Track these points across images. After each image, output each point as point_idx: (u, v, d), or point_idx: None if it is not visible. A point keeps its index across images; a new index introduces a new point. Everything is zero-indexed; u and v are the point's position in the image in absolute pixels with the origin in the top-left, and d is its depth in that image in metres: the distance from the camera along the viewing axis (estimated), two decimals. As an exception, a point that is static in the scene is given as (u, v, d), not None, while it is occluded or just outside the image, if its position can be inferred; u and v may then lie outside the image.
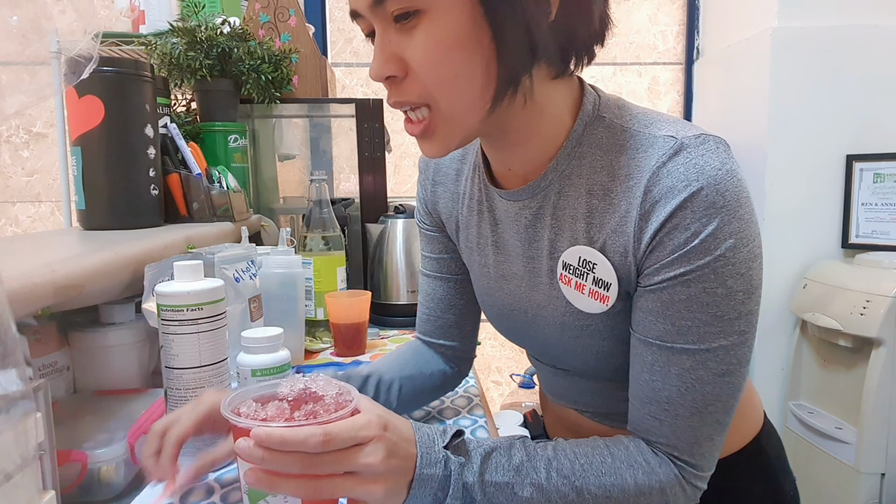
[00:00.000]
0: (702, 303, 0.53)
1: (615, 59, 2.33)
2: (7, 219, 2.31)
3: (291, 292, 1.03)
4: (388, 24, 0.53)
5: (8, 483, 0.41)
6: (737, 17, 2.05)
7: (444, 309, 0.82)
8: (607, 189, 0.56)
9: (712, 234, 0.51)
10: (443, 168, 0.76)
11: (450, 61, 0.52)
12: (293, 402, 0.53)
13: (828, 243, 1.87)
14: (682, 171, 0.52)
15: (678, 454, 0.57)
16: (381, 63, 0.53)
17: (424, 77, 0.53)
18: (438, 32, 0.51)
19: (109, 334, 0.82)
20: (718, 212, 0.51)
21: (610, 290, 0.57)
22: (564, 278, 0.61)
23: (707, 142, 0.53)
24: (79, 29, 0.66)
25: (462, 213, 0.74)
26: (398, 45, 0.53)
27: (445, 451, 0.54)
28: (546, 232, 0.62)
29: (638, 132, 0.56)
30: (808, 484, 1.81)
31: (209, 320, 0.66)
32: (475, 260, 0.73)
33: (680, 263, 0.52)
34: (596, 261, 0.57)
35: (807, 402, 1.84)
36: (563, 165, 0.59)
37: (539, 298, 0.65)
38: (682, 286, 0.53)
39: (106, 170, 1.05)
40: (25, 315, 0.66)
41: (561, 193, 0.60)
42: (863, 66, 1.80)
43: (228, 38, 1.42)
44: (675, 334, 0.54)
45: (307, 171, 2.00)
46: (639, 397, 0.58)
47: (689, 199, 0.51)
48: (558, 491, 0.54)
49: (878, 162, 1.78)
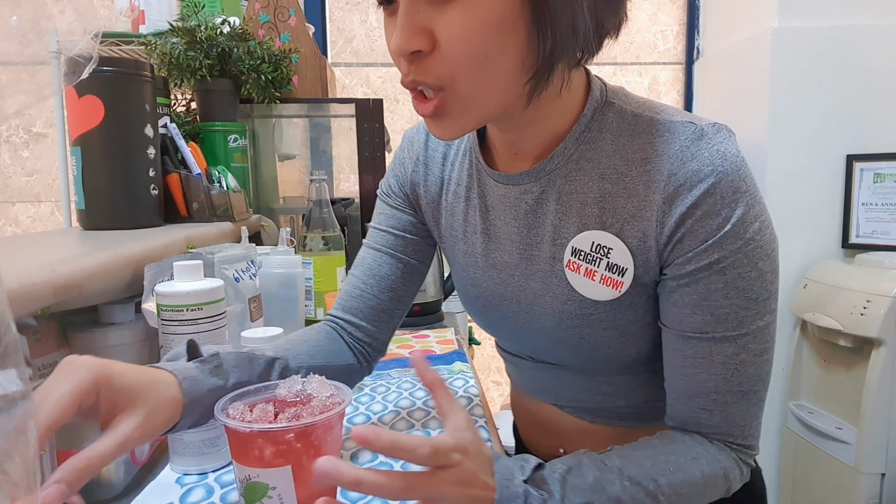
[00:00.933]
0: (738, 288, 0.53)
1: (615, 59, 2.33)
2: (7, 219, 2.31)
3: (291, 292, 1.03)
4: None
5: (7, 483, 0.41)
6: (737, 17, 2.05)
7: (383, 289, 0.74)
8: (621, 173, 0.56)
9: (741, 219, 0.51)
10: (430, 150, 0.72)
11: (484, 40, 0.48)
12: (278, 405, 0.53)
13: (828, 243, 1.87)
14: (707, 156, 0.52)
15: (732, 440, 0.57)
16: (408, 35, 0.49)
17: (453, 54, 0.49)
18: (476, 8, 0.47)
19: (109, 334, 0.82)
20: (743, 196, 0.51)
21: (625, 276, 0.56)
22: (573, 265, 0.59)
23: (722, 130, 0.54)
24: (78, 29, 0.66)
25: (446, 199, 0.71)
26: (428, 17, 0.49)
27: (525, 485, 0.50)
28: (549, 217, 0.60)
29: (651, 118, 0.56)
30: (809, 484, 1.81)
31: (209, 320, 0.66)
32: (459, 248, 0.70)
33: (714, 250, 0.52)
34: (612, 245, 0.56)
35: (807, 403, 1.84)
36: (572, 149, 0.58)
37: (535, 287, 0.63)
38: (717, 274, 0.53)
39: (106, 170, 1.05)
40: (25, 315, 0.66)
41: (568, 178, 0.58)
42: (863, 66, 1.80)
43: (228, 37, 1.42)
44: (714, 324, 0.54)
45: (307, 171, 2.00)
46: (683, 392, 0.58)
47: (716, 184, 0.51)
48: (634, 499, 0.53)
49: (879, 162, 1.78)
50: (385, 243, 0.76)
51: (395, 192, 0.76)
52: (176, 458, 0.66)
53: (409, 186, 0.75)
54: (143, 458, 0.68)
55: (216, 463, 0.67)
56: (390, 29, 0.52)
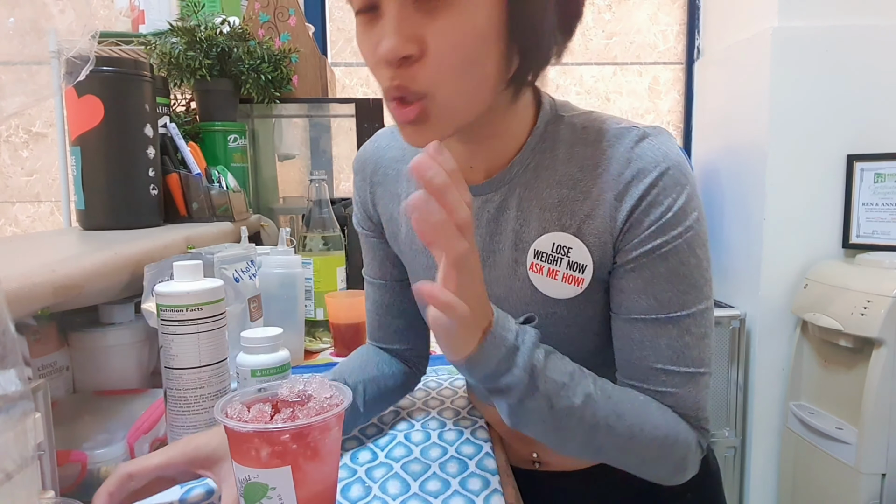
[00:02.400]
0: (679, 273, 0.57)
1: (615, 59, 2.33)
2: (6, 219, 2.31)
3: (291, 292, 1.03)
4: (406, 3, 0.50)
5: (8, 483, 0.41)
6: (737, 16, 2.05)
7: (394, 315, 0.80)
8: (576, 179, 0.60)
9: (682, 208, 0.56)
10: (381, 169, 0.74)
11: (471, 49, 0.51)
12: (277, 405, 0.53)
13: (828, 243, 1.86)
14: (650, 154, 0.57)
15: (687, 419, 0.60)
16: (401, 40, 0.49)
17: (440, 62, 0.51)
18: (465, 18, 0.50)
19: (109, 334, 0.82)
20: (684, 188, 0.56)
21: (585, 272, 0.60)
22: (535, 266, 0.62)
23: (662, 132, 0.59)
24: (78, 29, 0.66)
25: (403, 214, 0.72)
26: (418, 25, 0.50)
27: (518, 325, 0.55)
28: (511, 224, 0.63)
29: (598, 128, 0.60)
30: (809, 484, 1.81)
31: (209, 320, 0.66)
32: (419, 262, 0.72)
33: (657, 236, 0.56)
34: (571, 245, 0.60)
35: (807, 403, 1.84)
36: (529, 159, 0.62)
37: (499, 291, 0.65)
38: (660, 259, 0.57)
39: (105, 170, 1.05)
40: (25, 315, 0.66)
41: (528, 185, 0.62)
42: (863, 66, 1.80)
43: (228, 37, 1.42)
44: (658, 307, 0.58)
45: (307, 171, 2.00)
46: (634, 376, 0.61)
47: (659, 177, 0.56)
48: (603, 408, 0.56)
49: (879, 162, 1.78)
50: (380, 275, 0.79)
51: (362, 221, 0.79)
52: (176, 458, 0.66)
53: (370, 209, 0.77)
54: (142, 459, 0.68)
55: (216, 463, 0.67)
56: (368, 35, 0.53)
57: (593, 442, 0.57)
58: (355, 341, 1.08)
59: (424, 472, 0.68)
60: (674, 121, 2.37)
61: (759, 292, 1.89)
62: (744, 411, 1.97)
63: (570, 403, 0.55)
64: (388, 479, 0.66)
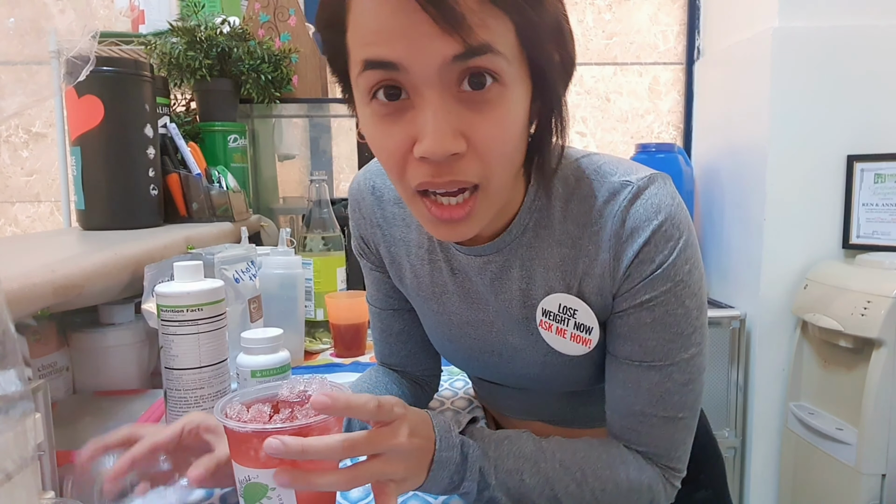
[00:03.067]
0: (664, 324, 0.57)
1: (615, 59, 2.33)
2: (6, 219, 2.31)
3: (291, 293, 1.03)
4: (449, 92, 0.46)
5: (8, 483, 0.41)
6: (737, 17, 2.05)
7: (405, 341, 0.79)
8: (575, 237, 0.59)
9: (673, 263, 0.56)
10: (379, 211, 0.71)
11: (516, 141, 0.51)
12: (276, 405, 0.53)
13: (828, 244, 1.86)
14: (643, 212, 0.56)
15: (658, 459, 0.62)
16: (449, 138, 0.46)
17: (489, 156, 0.49)
18: (511, 109, 0.48)
19: (109, 335, 0.82)
20: (677, 242, 0.56)
21: (592, 334, 0.61)
22: (544, 324, 0.62)
23: (655, 180, 0.58)
24: (78, 29, 0.66)
25: (410, 260, 0.70)
26: (461, 118, 0.47)
27: (461, 436, 0.56)
28: (516, 283, 0.63)
29: (591, 182, 0.59)
30: (809, 485, 1.81)
31: (209, 321, 0.66)
32: (430, 307, 0.71)
33: (645, 291, 0.57)
34: (576, 307, 0.60)
35: (807, 403, 1.84)
36: (526, 219, 0.61)
37: (515, 342, 0.66)
38: (647, 311, 0.57)
39: (105, 170, 1.05)
40: (25, 315, 0.66)
41: (529, 246, 0.61)
42: (863, 66, 1.80)
43: (228, 37, 1.42)
44: (642, 354, 0.59)
45: (307, 171, 2.00)
46: (617, 411, 0.63)
47: (652, 235, 0.55)
48: (561, 480, 0.57)
49: (879, 162, 1.78)
50: (384, 304, 0.79)
51: (363, 253, 0.77)
52: (176, 458, 0.66)
53: (372, 247, 0.75)
54: (142, 459, 0.68)
55: (216, 464, 0.66)
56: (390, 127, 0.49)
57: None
58: (355, 342, 1.08)
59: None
60: (674, 121, 2.37)
61: (759, 292, 1.89)
62: (744, 412, 1.97)
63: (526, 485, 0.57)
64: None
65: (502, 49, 0.45)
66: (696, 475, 0.75)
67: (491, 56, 0.45)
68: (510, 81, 0.47)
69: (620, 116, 2.35)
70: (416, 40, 0.44)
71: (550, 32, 0.49)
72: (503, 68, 0.46)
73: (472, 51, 0.44)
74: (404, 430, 0.51)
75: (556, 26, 0.50)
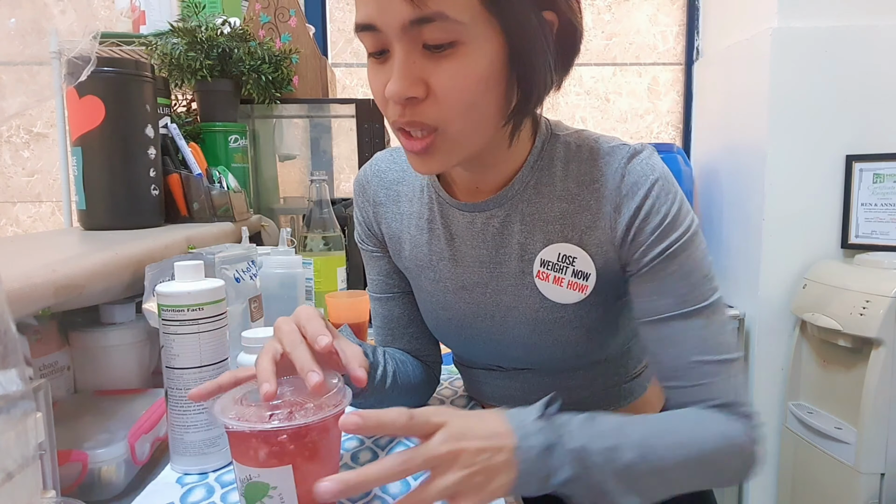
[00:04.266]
0: (688, 269, 0.61)
1: (615, 60, 2.33)
2: (7, 219, 2.31)
3: (291, 292, 1.03)
4: (414, 47, 0.54)
5: (9, 483, 0.41)
6: (737, 17, 2.05)
7: (406, 325, 0.82)
8: (574, 194, 0.64)
9: (678, 212, 0.61)
10: (382, 190, 0.77)
11: (473, 92, 0.55)
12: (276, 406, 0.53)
13: (827, 243, 1.86)
14: (640, 170, 0.62)
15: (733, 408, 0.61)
16: (406, 84, 0.54)
17: (446, 102, 0.55)
18: (469, 65, 0.54)
19: (110, 334, 0.82)
20: (675, 195, 0.62)
21: (588, 280, 0.65)
22: (542, 274, 0.66)
23: (647, 147, 0.64)
24: (79, 29, 0.66)
25: (409, 231, 0.75)
26: (423, 69, 0.54)
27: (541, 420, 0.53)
28: (516, 237, 0.67)
29: (590, 146, 0.65)
30: (808, 484, 1.81)
31: (210, 320, 0.66)
32: (426, 276, 0.74)
33: (661, 240, 0.61)
34: (576, 255, 0.64)
35: (806, 403, 1.84)
36: (528, 176, 0.66)
37: (507, 300, 0.69)
38: (668, 260, 0.61)
39: (106, 170, 1.06)
40: (26, 315, 0.66)
41: (530, 201, 0.66)
42: (863, 66, 1.80)
43: (229, 38, 1.43)
44: (679, 302, 0.61)
45: (307, 171, 2.01)
46: (672, 376, 0.63)
47: (651, 188, 0.61)
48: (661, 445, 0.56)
49: (878, 162, 1.78)
50: (385, 290, 0.81)
51: (366, 239, 0.81)
52: (176, 457, 0.66)
53: (374, 227, 0.79)
54: (143, 458, 0.69)
55: (216, 463, 0.67)
56: (377, 75, 0.57)
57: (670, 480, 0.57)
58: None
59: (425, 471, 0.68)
60: (673, 121, 2.37)
61: (758, 292, 1.89)
62: (743, 411, 1.97)
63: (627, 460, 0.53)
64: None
65: (457, 14, 0.51)
66: None
67: (442, 23, 0.51)
68: (470, 39, 0.53)
69: (620, 117, 2.35)
70: (382, 5, 0.52)
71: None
72: (458, 31, 0.52)
73: (425, 18, 0.51)
74: (454, 433, 0.49)
75: None
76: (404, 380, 0.76)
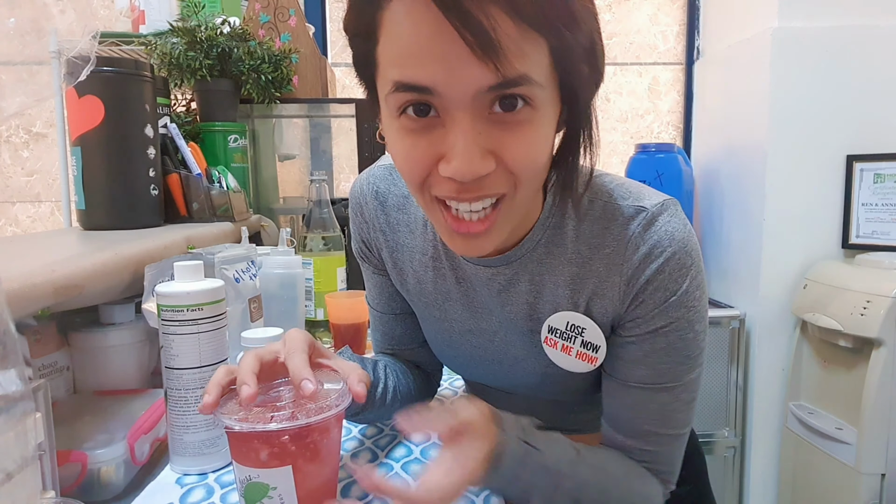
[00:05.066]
0: (676, 348, 0.59)
1: (615, 59, 2.33)
2: (7, 219, 2.31)
3: (291, 293, 1.03)
4: (480, 115, 0.46)
5: (8, 483, 0.41)
6: (737, 17, 2.05)
7: (407, 342, 0.79)
8: (586, 258, 0.60)
9: (686, 291, 0.57)
10: (382, 216, 0.71)
11: (542, 157, 0.50)
12: (277, 406, 0.53)
13: (828, 243, 1.86)
14: (657, 240, 0.57)
15: (659, 473, 0.64)
16: (478, 161, 0.46)
17: (518, 173, 0.49)
18: (541, 129, 0.49)
19: (109, 334, 0.82)
20: (689, 270, 0.57)
21: (598, 352, 0.62)
22: (550, 341, 0.63)
23: (668, 207, 0.59)
24: (78, 29, 0.66)
25: (412, 266, 0.70)
26: (490, 138, 0.47)
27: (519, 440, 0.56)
28: (524, 297, 0.63)
29: (605, 202, 0.60)
30: (808, 485, 1.81)
31: (209, 321, 0.66)
32: (431, 314, 0.71)
33: (660, 318, 0.58)
34: (585, 325, 0.61)
35: (807, 403, 1.84)
36: (539, 236, 0.61)
37: (517, 353, 0.67)
38: (661, 337, 0.59)
39: (106, 170, 1.05)
40: (25, 315, 0.66)
41: (540, 262, 0.62)
42: (863, 66, 1.80)
43: (228, 38, 1.42)
44: (654, 377, 0.60)
45: (307, 171, 2.01)
46: (620, 430, 0.64)
47: (665, 264, 0.57)
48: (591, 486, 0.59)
49: (879, 162, 1.78)
50: (386, 309, 0.78)
51: (366, 256, 0.76)
52: (176, 458, 0.66)
53: (374, 250, 0.75)
54: (143, 459, 0.68)
55: (216, 463, 0.67)
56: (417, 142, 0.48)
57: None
58: (355, 341, 1.08)
59: None
60: (673, 121, 2.37)
61: (758, 292, 1.89)
62: (743, 411, 1.97)
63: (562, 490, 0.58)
64: (389, 478, 0.66)
65: (537, 77, 0.45)
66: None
67: (526, 86, 0.45)
68: (541, 104, 0.47)
69: (620, 116, 2.35)
70: (453, 67, 0.43)
71: (584, 51, 0.48)
72: (536, 94, 0.46)
73: (509, 82, 0.44)
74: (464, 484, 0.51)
75: (590, 45, 0.49)
76: (405, 392, 0.74)
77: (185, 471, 0.66)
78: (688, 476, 0.81)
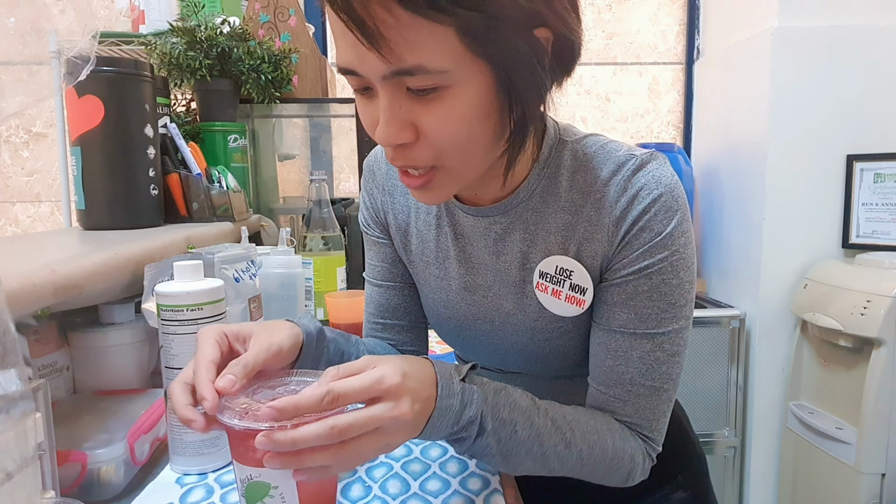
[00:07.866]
0: (660, 292, 0.60)
1: (615, 59, 2.33)
2: (7, 219, 2.31)
3: (291, 292, 1.03)
4: (398, 91, 0.50)
5: (8, 483, 0.41)
6: (737, 17, 2.05)
7: (400, 315, 0.80)
8: (578, 205, 0.62)
9: (671, 233, 0.59)
10: (391, 180, 0.75)
11: (465, 130, 0.52)
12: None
13: (828, 243, 1.86)
14: (644, 182, 0.59)
15: (640, 430, 0.63)
16: (394, 131, 0.51)
17: (439, 144, 0.53)
18: (458, 105, 0.51)
19: (109, 334, 0.82)
20: (674, 214, 0.59)
21: (586, 294, 0.63)
22: (541, 286, 0.65)
23: (657, 157, 0.61)
24: (78, 29, 0.66)
25: (416, 225, 0.73)
26: (410, 112, 0.51)
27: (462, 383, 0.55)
28: (518, 245, 0.65)
29: (598, 155, 0.63)
30: (808, 484, 1.81)
31: (209, 320, 0.66)
32: (431, 273, 0.73)
33: (644, 258, 0.59)
34: (573, 268, 0.63)
35: (807, 403, 1.84)
36: (534, 185, 0.64)
37: (508, 307, 0.68)
38: (644, 278, 0.60)
39: (106, 170, 1.05)
40: (25, 315, 0.66)
41: (534, 210, 0.64)
42: (863, 66, 1.80)
43: (228, 37, 1.42)
44: (637, 322, 0.61)
45: (307, 171, 2.01)
46: (603, 382, 0.64)
47: (652, 204, 0.59)
48: (551, 438, 0.58)
49: (879, 162, 1.78)
50: (384, 277, 0.79)
51: (371, 224, 0.78)
52: (176, 458, 0.66)
53: (381, 214, 0.77)
54: (143, 458, 0.68)
55: (216, 463, 0.67)
56: (366, 109, 0.55)
57: (544, 467, 0.59)
58: (355, 341, 1.08)
59: (424, 471, 0.68)
60: (673, 121, 2.37)
61: (758, 292, 1.89)
62: (743, 411, 1.97)
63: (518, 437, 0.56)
64: (389, 478, 0.66)
65: (437, 64, 0.48)
66: (674, 476, 0.78)
67: (422, 76, 0.48)
68: (456, 82, 0.49)
69: (620, 116, 2.35)
70: (359, 55, 0.48)
71: (509, 22, 0.49)
72: (442, 78, 0.49)
73: (403, 71, 0.48)
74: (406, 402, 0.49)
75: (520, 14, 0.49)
76: None
77: (185, 470, 0.66)
78: (689, 480, 0.81)
